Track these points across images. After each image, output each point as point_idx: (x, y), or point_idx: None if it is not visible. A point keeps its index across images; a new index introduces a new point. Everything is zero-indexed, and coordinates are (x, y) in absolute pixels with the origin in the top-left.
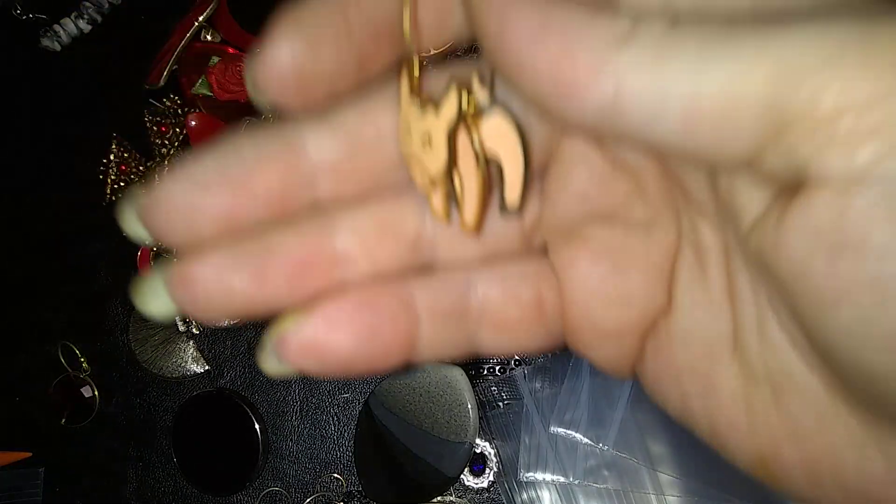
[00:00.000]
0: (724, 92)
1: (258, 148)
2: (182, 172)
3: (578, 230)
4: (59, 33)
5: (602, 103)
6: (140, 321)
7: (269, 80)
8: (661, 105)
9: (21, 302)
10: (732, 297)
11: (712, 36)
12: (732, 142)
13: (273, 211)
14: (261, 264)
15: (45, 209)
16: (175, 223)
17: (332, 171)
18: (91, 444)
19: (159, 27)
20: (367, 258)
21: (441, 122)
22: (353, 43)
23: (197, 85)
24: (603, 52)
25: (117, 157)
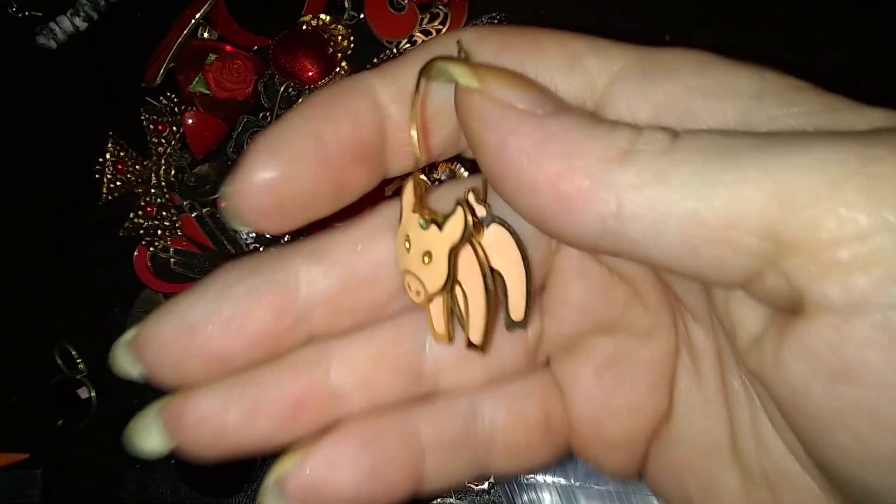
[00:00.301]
0: (726, 214)
1: (250, 285)
2: (172, 311)
3: (580, 342)
4: (55, 31)
5: (602, 221)
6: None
7: (245, 205)
8: (662, 224)
9: (17, 302)
10: (728, 400)
11: (713, 156)
12: (732, 263)
13: (266, 350)
14: (254, 404)
15: (41, 208)
16: (166, 363)
17: (326, 307)
18: (89, 445)
19: (156, 25)
20: (364, 393)
21: (444, 240)
22: (329, 166)
23: (194, 83)
24: (603, 170)
25: (113, 155)
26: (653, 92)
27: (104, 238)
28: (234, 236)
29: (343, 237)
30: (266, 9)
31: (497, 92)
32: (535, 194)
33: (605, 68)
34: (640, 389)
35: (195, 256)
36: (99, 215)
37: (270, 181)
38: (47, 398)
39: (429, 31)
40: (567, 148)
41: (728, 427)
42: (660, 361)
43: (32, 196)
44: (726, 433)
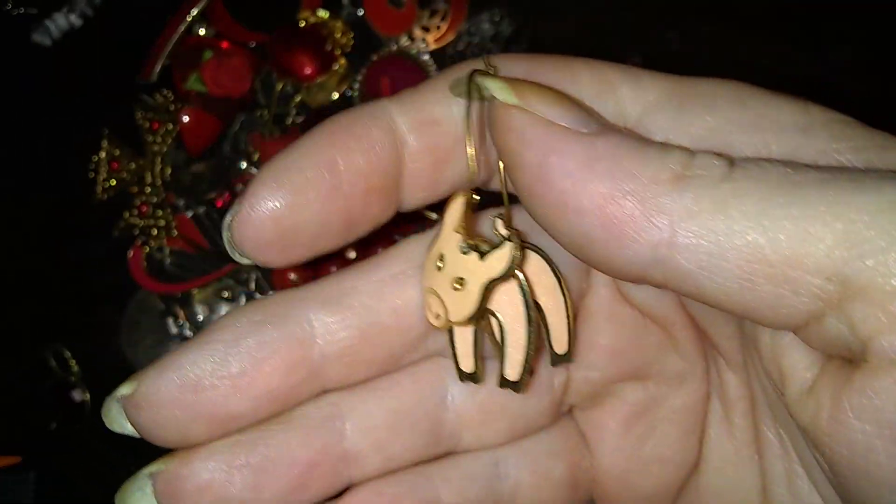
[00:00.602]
0: (790, 251)
1: (261, 338)
2: (174, 366)
3: (609, 389)
4: (50, 28)
5: (654, 249)
6: (131, 322)
7: (248, 236)
8: (719, 257)
9: (9, 304)
10: (760, 451)
11: (776, 187)
12: (790, 304)
13: (275, 407)
14: (261, 472)
15: (34, 208)
16: (166, 424)
17: (342, 359)
18: (82, 448)
19: (151, 21)
20: (381, 454)
21: (483, 272)
22: (341, 197)
23: (190, 80)
24: (656, 194)
25: (108, 154)
26: (691, 123)
27: (98, 238)
28: None
29: (363, 280)
30: (263, 5)
31: (538, 108)
32: (579, 218)
33: (639, 97)
34: (670, 440)
35: (191, 257)
36: (93, 215)
37: (276, 211)
38: (40, 401)
39: (428, 28)
40: (616, 169)
41: (760, 479)
42: (691, 410)
43: (25, 195)
44: (758, 485)
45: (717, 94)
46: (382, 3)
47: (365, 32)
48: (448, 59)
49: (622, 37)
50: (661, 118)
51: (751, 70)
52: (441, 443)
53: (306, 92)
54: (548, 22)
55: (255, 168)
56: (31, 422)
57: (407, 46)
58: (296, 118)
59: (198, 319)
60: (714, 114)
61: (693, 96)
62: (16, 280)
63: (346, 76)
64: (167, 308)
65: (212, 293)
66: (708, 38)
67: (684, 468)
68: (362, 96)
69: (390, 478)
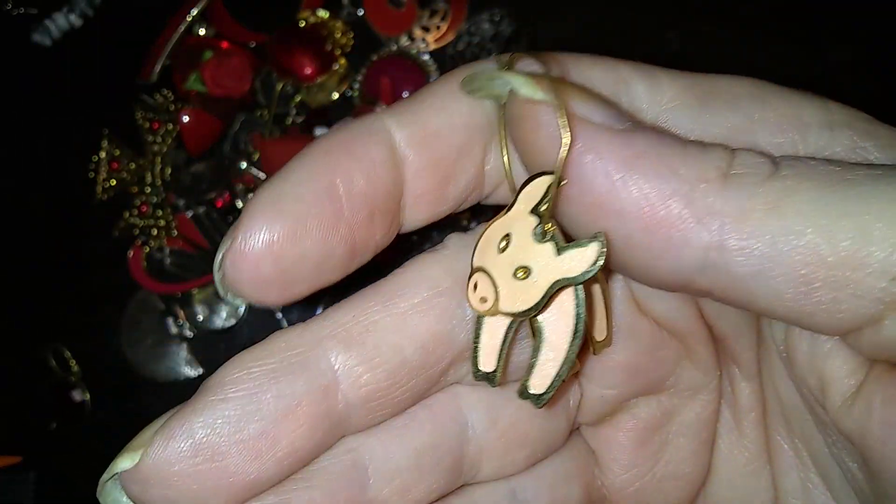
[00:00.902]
0: (851, 252)
1: (280, 391)
2: (181, 432)
3: (621, 406)
4: (50, 28)
5: (704, 253)
6: (131, 322)
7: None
8: (773, 260)
9: (9, 303)
10: (773, 462)
11: (828, 185)
12: (850, 307)
13: (297, 467)
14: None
15: (34, 208)
16: (178, 499)
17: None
18: (82, 448)
19: (152, 21)
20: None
21: (557, 268)
22: (344, 225)
23: (190, 80)
24: (705, 194)
25: (108, 154)
26: (712, 122)
27: (98, 238)
28: None
29: (385, 313)
30: (263, 5)
31: (568, 104)
32: (620, 221)
33: (655, 95)
34: (684, 454)
35: (191, 257)
36: (93, 215)
37: (274, 245)
38: (40, 401)
39: (428, 28)
40: (659, 168)
41: (772, 490)
42: (704, 421)
43: (25, 195)
44: (769, 496)
45: (737, 92)
46: (382, 3)
47: (365, 32)
48: (448, 59)
49: (622, 37)
50: (682, 117)
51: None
52: (461, 476)
53: (306, 92)
54: (548, 22)
55: (255, 168)
56: (31, 422)
57: (407, 46)
58: (296, 118)
59: (198, 319)
60: (736, 112)
61: (713, 94)
62: (16, 280)
63: (346, 76)
64: (167, 308)
65: (212, 293)
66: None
67: (696, 482)
68: (362, 96)
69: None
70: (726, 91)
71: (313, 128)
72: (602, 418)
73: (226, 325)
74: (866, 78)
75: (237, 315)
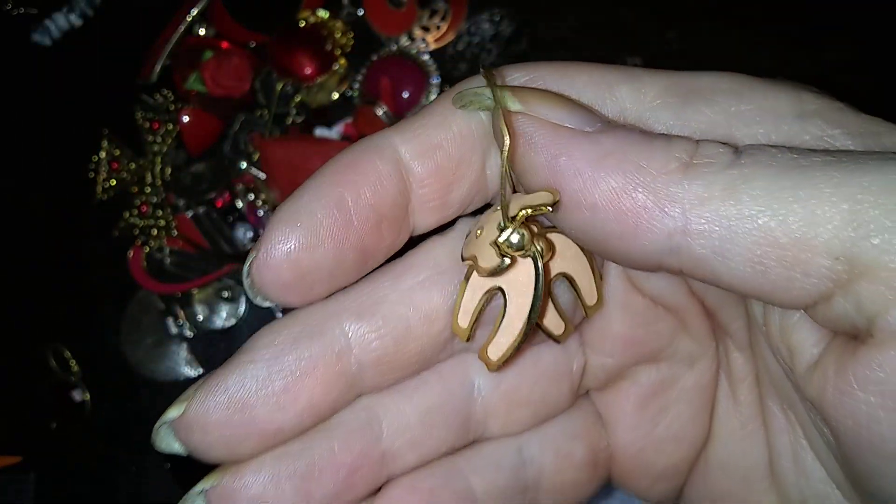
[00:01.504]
0: (800, 233)
1: (299, 354)
2: (218, 388)
3: (624, 373)
4: (49, 28)
5: (669, 238)
6: (131, 322)
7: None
8: (731, 241)
9: (9, 303)
10: (766, 426)
11: (783, 170)
12: (802, 284)
13: (318, 420)
14: (308, 479)
15: (34, 208)
16: (215, 443)
17: (377, 366)
18: (82, 448)
19: (151, 21)
20: (415, 451)
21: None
22: (353, 233)
23: (190, 80)
24: (667, 184)
25: (108, 154)
26: (692, 118)
27: (98, 238)
28: (231, 237)
29: (393, 289)
30: (263, 5)
31: (542, 112)
32: (594, 214)
33: (639, 96)
34: (683, 418)
35: (191, 257)
36: (93, 215)
37: (292, 254)
38: (40, 401)
39: (428, 28)
40: (624, 163)
41: (766, 452)
42: (702, 388)
43: (25, 195)
44: (764, 459)
45: (716, 88)
46: (382, 3)
47: (365, 32)
48: (448, 59)
49: (622, 37)
50: (663, 115)
51: (750, 70)
52: (469, 433)
53: (306, 92)
54: (548, 22)
55: (255, 168)
56: (31, 422)
57: (407, 46)
58: (296, 118)
59: (198, 319)
60: (714, 107)
61: (693, 92)
62: (16, 280)
63: (346, 76)
64: (167, 308)
65: (212, 293)
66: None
67: (696, 444)
68: (362, 96)
69: (424, 471)
70: (706, 87)
71: (313, 128)
72: (606, 384)
73: (226, 325)
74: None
75: (237, 315)
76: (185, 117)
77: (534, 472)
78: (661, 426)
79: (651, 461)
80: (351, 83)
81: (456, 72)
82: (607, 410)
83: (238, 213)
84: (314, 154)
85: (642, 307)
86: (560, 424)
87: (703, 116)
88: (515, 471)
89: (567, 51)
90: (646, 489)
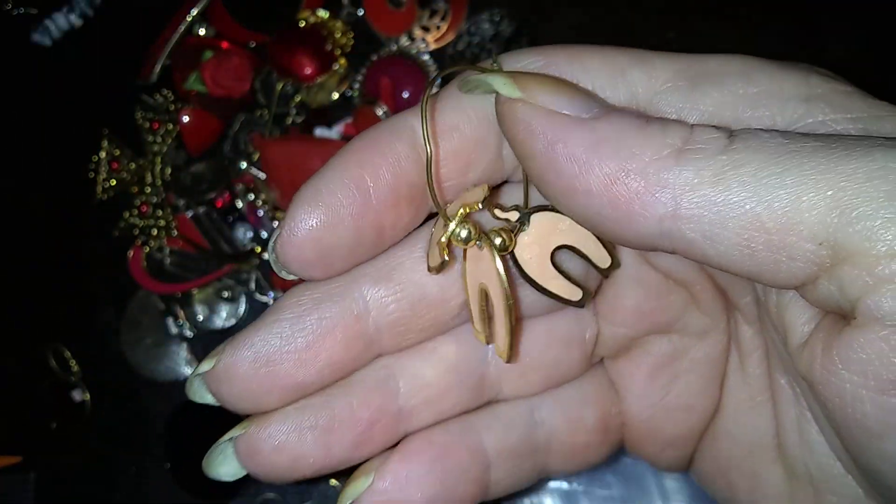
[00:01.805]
0: (785, 218)
1: (321, 315)
2: (246, 344)
3: (636, 342)
4: (49, 28)
5: (660, 222)
6: (131, 322)
7: (291, 256)
8: (720, 226)
9: (9, 303)
10: (774, 398)
11: (772, 156)
12: (787, 268)
13: (338, 375)
14: (328, 431)
15: (34, 208)
16: (242, 395)
17: (394, 328)
18: (82, 448)
19: (151, 21)
20: (431, 409)
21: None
22: (371, 212)
23: (190, 80)
24: (658, 169)
25: (108, 154)
26: (700, 100)
27: (98, 238)
28: (231, 237)
29: (408, 256)
30: (263, 5)
31: (540, 99)
32: (588, 199)
33: (650, 79)
34: (693, 388)
35: (191, 257)
36: (93, 215)
37: (314, 231)
38: (40, 401)
39: (428, 28)
40: (619, 150)
41: (773, 425)
42: (712, 360)
43: (25, 195)
44: (771, 431)
45: (725, 70)
46: (382, 3)
47: (365, 32)
48: (448, 59)
49: (622, 37)
50: (673, 97)
51: None
52: (483, 395)
53: (306, 92)
54: (548, 22)
55: (255, 168)
56: (31, 422)
57: (407, 46)
58: (296, 118)
59: (198, 319)
60: (722, 90)
61: (703, 74)
62: (16, 280)
63: (346, 76)
64: (167, 308)
65: (212, 293)
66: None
67: (705, 414)
68: (362, 96)
69: (439, 428)
70: (715, 70)
71: (313, 128)
72: (619, 353)
73: (226, 325)
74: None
75: (237, 315)
76: (185, 117)
77: (545, 434)
78: (671, 395)
79: (661, 429)
80: (351, 83)
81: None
82: (619, 378)
83: (238, 213)
84: (314, 154)
85: (655, 280)
86: (572, 389)
87: (710, 99)
88: (527, 431)
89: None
90: (655, 455)
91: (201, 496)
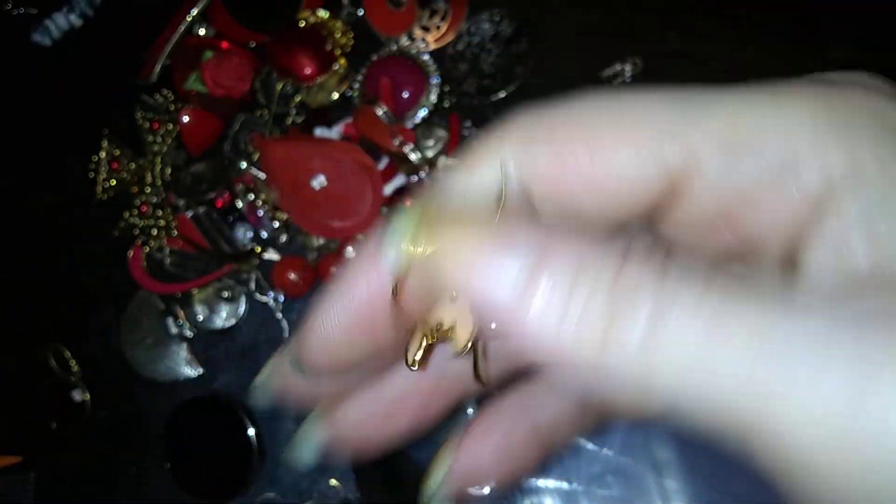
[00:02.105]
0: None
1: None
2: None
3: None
4: (49, 28)
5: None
6: (131, 322)
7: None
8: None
9: (9, 303)
10: None
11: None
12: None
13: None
14: (393, 405)
15: (34, 208)
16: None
17: None
18: (82, 448)
19: (151, 21)
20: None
21: None
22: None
23: (190, 80)
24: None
25: (108, 154)
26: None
27: (98, 238)
28: (231, 237)
29: None
30: (263, 5)
31: (457, 259)
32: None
33: (688, 159)
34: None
35: (191, 257)
36: (93, 215)
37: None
38: (40, 401)
39: (428, 28)
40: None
41: None
42: None
43: (25, 195)
44: None
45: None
46: (382, 3)
47: (365, 32)
48: (448, 59)
49: (622, 37)
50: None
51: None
52: None
53: (306, 92)
54: (548, 22)
55: (255, 168)
56: (31, 422)
57: (407, 46)
58: (296, 118)
59: (198, 319)
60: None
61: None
62: (16, 280)
63: (346, 76)
64: (167, 308)
65: (212, 293)
66: (707, 38)
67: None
68: (362, 96)
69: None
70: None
71: (313, 128)
72: None
73: (226, 325)
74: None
75: (237, 315)
76: (185, 117)
77: None
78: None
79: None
80: (351, 83)
81: (456, 72)
82: None
83: (238, 213)
84: (314, 154)
85: None
86: None
87: (753, 168)
88: None
89: (567, 51)
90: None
91: (201, 496)
